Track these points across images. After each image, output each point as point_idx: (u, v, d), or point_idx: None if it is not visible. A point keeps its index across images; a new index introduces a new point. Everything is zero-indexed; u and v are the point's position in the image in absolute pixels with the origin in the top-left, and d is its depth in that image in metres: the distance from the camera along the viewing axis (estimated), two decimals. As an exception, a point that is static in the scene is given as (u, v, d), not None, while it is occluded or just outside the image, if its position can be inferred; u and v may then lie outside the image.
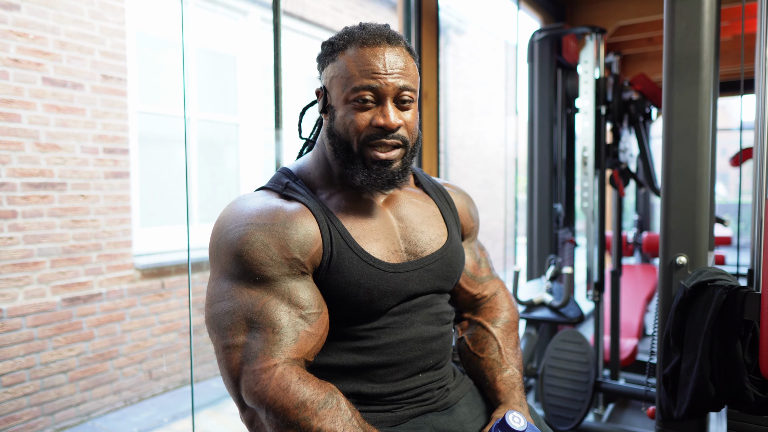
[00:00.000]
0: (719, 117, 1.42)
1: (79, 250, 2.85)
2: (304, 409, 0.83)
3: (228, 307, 0.88)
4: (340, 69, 0.93)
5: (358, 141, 0.93)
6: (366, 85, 0.91)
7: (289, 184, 0.99)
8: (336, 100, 0.95)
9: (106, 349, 2.98)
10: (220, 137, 3.89)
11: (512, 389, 1.06)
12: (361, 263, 0.94)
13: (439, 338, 1.03)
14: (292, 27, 4.24)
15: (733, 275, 1.29)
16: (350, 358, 0.96)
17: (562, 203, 2.72)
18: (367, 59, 0.91)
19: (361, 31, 0.94)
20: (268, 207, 0.92)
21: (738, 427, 1.26)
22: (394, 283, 0.96)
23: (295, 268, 0.90)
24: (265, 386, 0.83)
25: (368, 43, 0.92)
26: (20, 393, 2.60)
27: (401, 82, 0.93)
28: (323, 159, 1.02)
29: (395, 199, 1.05)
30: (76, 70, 2.81)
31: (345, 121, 0.93)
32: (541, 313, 2.19)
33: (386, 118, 0.91)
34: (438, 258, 1.02)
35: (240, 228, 0.89)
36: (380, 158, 0.93)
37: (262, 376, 0.84)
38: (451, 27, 6.49)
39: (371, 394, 0.96)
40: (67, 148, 2.79)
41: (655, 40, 3.26)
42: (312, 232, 0.91)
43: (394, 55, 0.93)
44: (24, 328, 2.62)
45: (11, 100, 2.56)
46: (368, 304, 0.94)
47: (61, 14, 2.74)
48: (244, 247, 0.87)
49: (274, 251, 0.88)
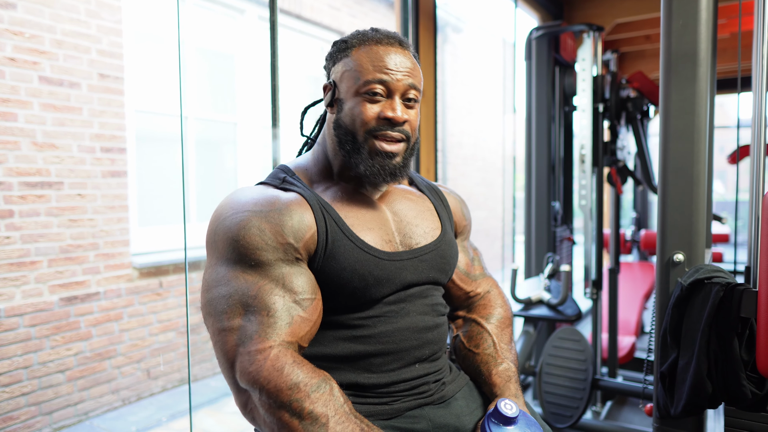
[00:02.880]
0: (717, 114, 1.42)
1: (76, 249, 2.85)
2: (297, 391, 0.84)
3: (224, 292, 0.90)
4: (353, 63, 0.98)
5: (364, 131, 0.97)
6: (378, 79, 0.96)
7: (287, 179, 1.02)
8: (346, 92, 0.99)
9: (104, 348, 2.98)
10: (217, 136, 3.89)
11: (507, 382, 1.08)
12: (356, 250, 0.96)
13: (435, 329, 1.04)
14: (289, 25, 4.23)
15: (730, 272, 1.29)
16: (346, 347, 0.97)
17: (560, 201, 2.72)
18: (380, 56, 0.97)
19: (374, 33, 1.00)
20: (265, 196, 0.95)
21: (735, 424, 1.26)
22: (388, 270, 0.98)
23: (290, 254, 0.92)
24: (260, 366, 0.84)
25: (382, 42, 0.99)
26: (18, 392, 2.60)
27: (409, 80, 0.98)
28: (322, 156, 1.05)
29: (390, 195, 1.08)
30: (73, 69, 2.81)
31: (354, 111, 0.97)
32: (539, 311, 2.19)
33: (394, 111, 0.96)
34: (432, 249, 1.05)
35: (238, 215, 0.92)
36: (385, 149, 0.97)
37: (257, 357, 0.85)
38: (449, 25, 6.48)
39: (368, 384, 0.97)
40: (64, 147, 2.78)
41: (652, 37, 3.27)
42: (306, 219, 0.94)
43: (404, 57, 0.99)
44: (21, 328, 2.62)
45: (7, 99, 2.55)
46: (363, 291, 0.96)
47: (57, 13, 2.73)
48: (240, 232, 0.90)
49: (270, 236, 0.90)
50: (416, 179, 1.17)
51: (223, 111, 3.87)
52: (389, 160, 0.98)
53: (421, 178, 1.19)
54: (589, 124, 2.36)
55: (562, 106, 2.66)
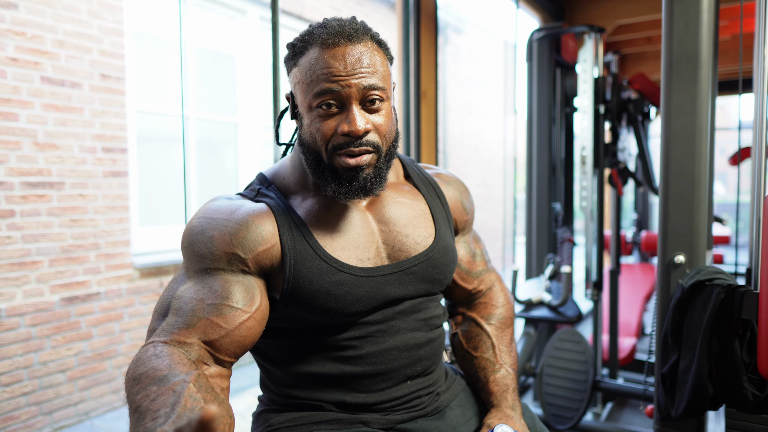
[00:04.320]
0: (718, 116, 1.42)
1: (77, 249, 2.85)
2: (136, 383, 0.75)
3: (164, 295, 0.89)
4: (301, 74, 0.88)
5: (326, 150, 0.88)
6: (326, 89, 0.84)
7: (261, 190, 0.96)
8: (301, 106, 0.90)
9: (104, 348, 2.98)
10: (218, 136, 3.89)
11: (505, 391, 1.04)
12: (330, 270, 0.90)
13: (428, 344, 0.99)
14: (290, 26, 4.24)
15: (731, 274, 1.29)
16: (333, 367, 0.93)
17: (560, 202, 2.72)
18: (326, 61, 0.85)
19: (321, 30, 0.87)
20: (228, 205, 0.92)
21: (736, 426, 1.26)
22: (366, 287, 0.91)
23: (234, 265, 0.87)
24: (131, 362, 0.80)
25: (327, 43, 0.85)
26: (18, 392, 2.60)
27: (366, 81, 0.85)
28: (299, 163, 0.97)
29: (379, 201, 0.99)
30: (75, 69, 2.81)
31: (311, 129, 0.88)
32: (539, 312, 2.19)
33: (351, 124, 0.85)
34: (422, 260, 0.97)
35: (195, 221, 0.90)
36: (350, 164, 0.87)
37: (136, 354, 0.81)
38: (450, 26, 6.49)
39: (355, 404, 0.94)
40: (66, 147, 2.78)
41: (653, 39, 3.27)
42: (265, 233, 0.88)
43: (357, 52, 0.85)
44: (22, 328, 2.62)
45: (9, 99, 2.55)
46: (340, 310, 0.90)
47: (59, 13, 2.73)
48: (192, 239, 0.89)
49: (215, 245, 0.87)
50: (411, 171, 1.07)
51: (224, 111, 3.87)
52: (357, 175, 0.88)
53: (418, 169, 1.09)
54: (590, 126, 2.36)
55: (563, 107, 2.66)
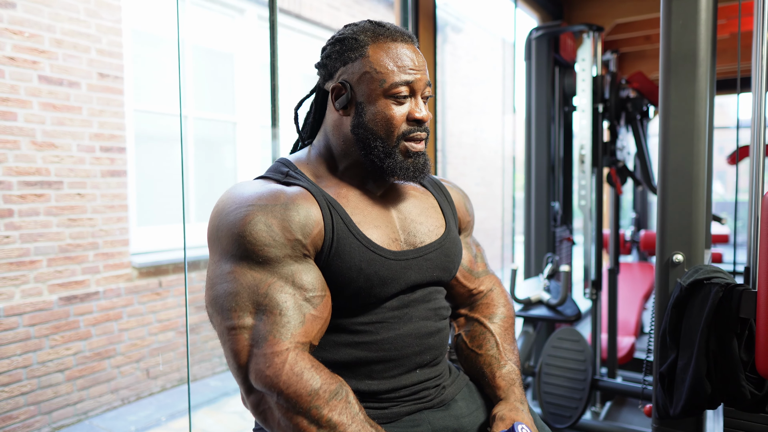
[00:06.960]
0: (716, 115, 1.42)
1: (75, 248, 2.85)
2: (316, 397, 0.83)
3: (231, 289, 0.87)
4: (373, 64, 0.94)
5: (396, 135, 0.96)
6: (404, 81, 0.94)
7: (290, 173, 0.99)
8: (368, 95, 0.95)
9: (103, 347, 2.97)
10: (217, 135, 3.88)
11: (512, 385, 1.07)
12: (363, 248, 0.94)
13: (437, 334, 1.03)
14: (288, 25, 4.23)
15: (729, 273, 1.29)
16: (347, 353, 0.95)
17: (559, 201, 2.72)
18: (400, 55, 0.95)
19: (383, 28, 0.97)
20: (269, 190, 0.92)
21: (734, 425, 1.26)
22: (394, 270, 0.96)
23: (298, 250, 0.89)
24: (278, 370, 0.83)
25: (397, 39, 0.96)
26: (17, 392, 2.60)
27: (426, 77, 0.97)
28: (325, 152, 1.02)
29: (394, 193, 1.05)
30: (73, 69, 2.80)
31: (384, 116, 0.95)
32: (538, 311, 2.19)
33: (422, 112, 0.96)
34: (436, 248, 1.03)
35: (241, 209, 0.88)
36: (417, 149, 0.98)
37: (274, 360, 0.83)
38: (449, 25, 6.48)
39: (367, 391, 0.96)
40: (64, 146, 2.78)
41: (652, 38, 3.26)
42: (313, 215, 0.91)
43: (418, 53, 0.98)
44: (21, 327, 2.62)
45: (7, 98, 2.55)
46: (367, 291, 0.94)
47: (56, 12, 2.73)
48: (246, 228, 0.86)
49: (277, 232, 0.87)
50: None
51: (222, 110, 3.86)
52: (419, 159, 0.98)
53: None
54: (588, 125, 2.36)
55: (562, 106, 2.66)
